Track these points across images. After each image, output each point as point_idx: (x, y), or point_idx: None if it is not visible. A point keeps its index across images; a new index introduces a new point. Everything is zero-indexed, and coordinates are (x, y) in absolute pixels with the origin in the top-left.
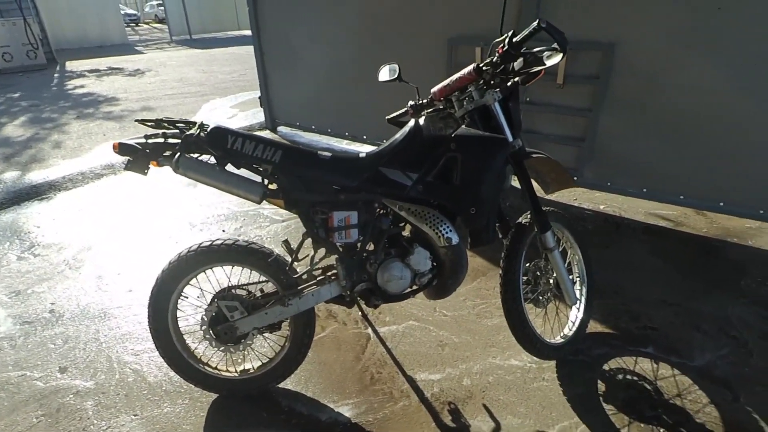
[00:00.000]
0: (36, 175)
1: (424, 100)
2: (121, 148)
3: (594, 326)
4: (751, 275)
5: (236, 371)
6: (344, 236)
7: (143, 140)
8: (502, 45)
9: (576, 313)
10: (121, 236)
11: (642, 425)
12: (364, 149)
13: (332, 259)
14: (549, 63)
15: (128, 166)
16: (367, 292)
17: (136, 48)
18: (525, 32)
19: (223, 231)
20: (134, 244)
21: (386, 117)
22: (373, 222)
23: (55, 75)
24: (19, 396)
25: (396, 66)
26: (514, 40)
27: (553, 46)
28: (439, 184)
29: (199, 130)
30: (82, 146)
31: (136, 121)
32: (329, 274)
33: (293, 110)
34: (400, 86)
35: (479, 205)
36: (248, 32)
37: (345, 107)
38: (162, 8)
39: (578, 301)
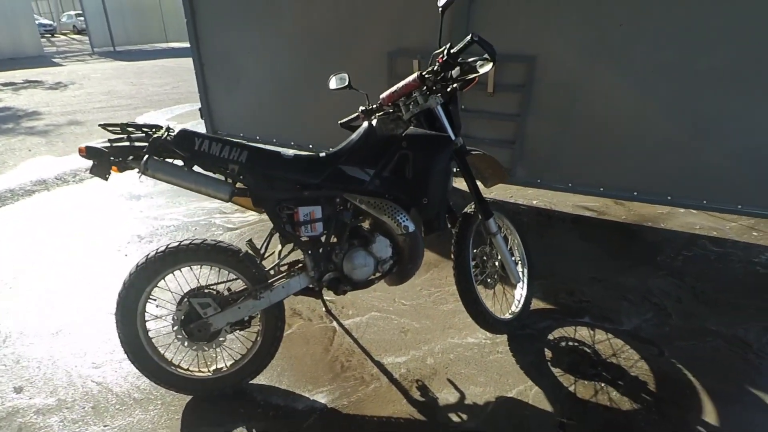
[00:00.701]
0: None
1: (374, 105)
2: (88, 152)
3: (536, 303)
4: (665, 252)
5: (209, 371)
6: (310, 230)
7: (108, 144)
8: (441, 56)
9: (520, 291)
10: (64, 253)
11: (586, 382)
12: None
13: (296, 255)
14: (482, 71)
15: (92, 170)
16: (335, 281)
17: (54, 60)
18: (460, 45)
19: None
20: (80, 260)
21: (339, 122)
22: (336, 215)
23: None
24: None
25: (345, 75)
26: (452, 51)
27: (484, 56)
28: (393, 178)
29: (165, 133)
30: (6, 162)
31: (99, 125)
32: (296, 267)
33: (236, 121)
34: (342, 96)
35: (430, 195)
36: (177, 44)
37: (288, 117)
38: (81, 18)
39: (521, 281)
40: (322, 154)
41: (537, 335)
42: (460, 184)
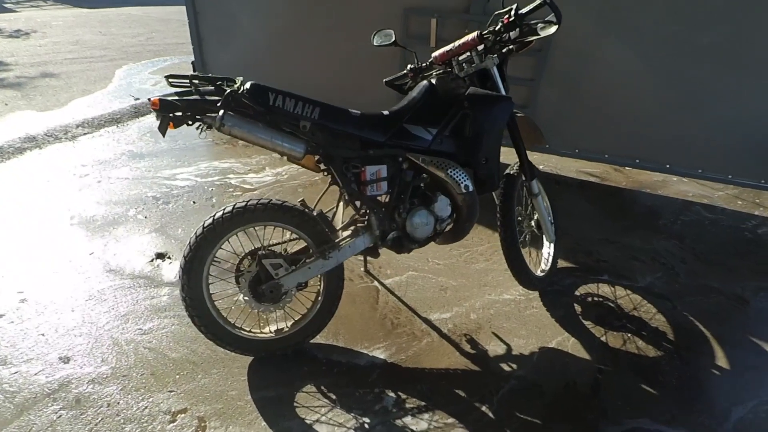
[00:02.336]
0: None
1: (424, 64)
2: (162, 105)
3: (560, 262)
4: (664, 217)
5: (271, 331)
6: (376, 189)
7: (184, 98)
8: (507, 16)
9: (548, 250)
10: (78, 218)
11: (615, 333)
12: None
13: (348, 215)
14: (543, 33)
15: (163, 125)
16: (398, 240)
17: (5, 5)
18: (531, 6)
19: (194, 202)
20: (97, 225)
21: (384, 80)
22: (399, 174)
23: None
24: (22, 395)
25: (391, 31)
26: (520, 12)
27: (548, 18)
28: (454, 137)
29: (239, 87)
30: None
31: (165, 77)
32: (360, 226)
33: (233, 75)
34: (348, 49)
35: (490, 155)
36: None
37: (289, 71)
38: None
39: (550, 241)
40: (386, 112)
41: (564, 291)
42: None
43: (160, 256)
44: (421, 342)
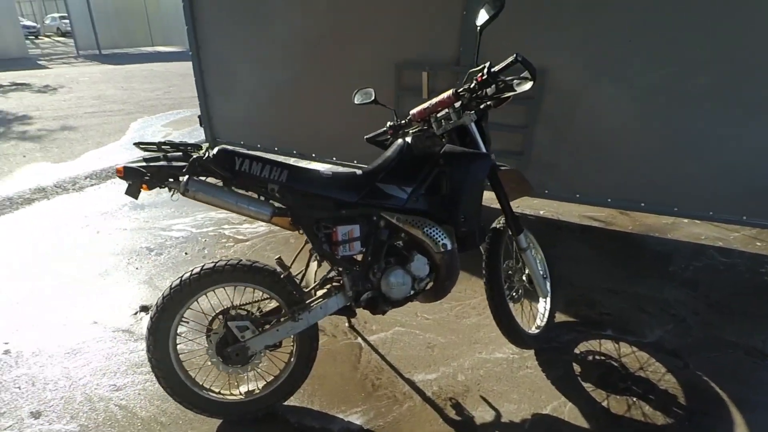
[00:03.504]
0: None
1: (402, 121)
2: (126, 172)
3: (558, 316)
4: (675, 263)
5: (241, 393)
6: (348, 249)
7: (146, 164)
8: (480, 74)
9: (544, 305)
10: (71, 266)
11: (618, 397)
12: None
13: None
14: (519, 89)
15: (128, 191)
16: (373, 301)
17: (39, 62)
18: (503, 64)
19: (186, 254)
20: (88, 276)
21: (365, 137)
22: (374, 234)
23: None
24: None
25: (371, 90)
26: (493, 70)
27: (522, 75)
28: (430, 196)
29: (205, 152)
30: (0, 169)
31: (134, 144)
32: (333, 286)
33: (236, 129)
34: (345, 106)
35: (468, 212)
36: (163, 48)
37: (289, 125)
38: (66, 21)
39: (545, 296)
40: (359, 172)
41: (563, 348)
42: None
43: (144, 308)
44: (402, 406)
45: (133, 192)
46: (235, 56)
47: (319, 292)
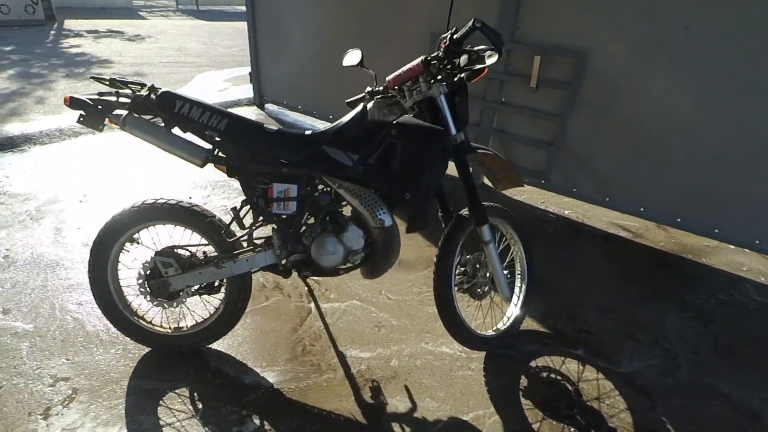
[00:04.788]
0: (13, 128)
1: (380, 87)
2: (72, 102)
3: (531, 324)
4: (697, 291)
5: (170, 328)
6: (282, 207)
7: (96, 97)
8: (445, 41)
9: (512, 310)
10: (88, 193)
11: (554, 423)
12: None
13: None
14: (488, 62)
15: (81, 121)
16: (300, 264)
17: (140, 13)
18: (462, 30)
19: (190, 198)
20: (100, 202)
21: (346, 100)
22: (313, 197)
23: (52, 32)
24: None
25: (359, 51)
26: (454, 37)
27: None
28: (378, 167)
29: (149, 92)
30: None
31: (90, 78)
32: (263, 242)
33: (281, 89)
34: (383, 71)
35: (414, 191)
36: None
37: (329, 91)
38: None
39: (516, 298)
40: (308, 132)
41: (519, 358)
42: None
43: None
44: (321, 376)
45: (89, 123)
46: (288, 18)
47: (249, 246)
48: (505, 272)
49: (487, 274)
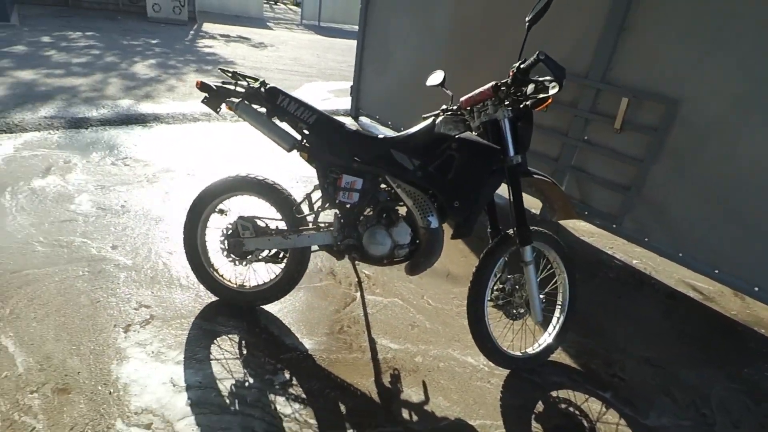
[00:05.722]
0: (146, 107)
1: (454, 107)
2: (202, 86)
3: (563, 357)
4: (759, 367)
5: (235, 284)
6: (347, 197)
7: (220, 84)
8: (513, 70)
9: (546, 338)
10: (196, 168)
11: None
12: None
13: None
14: (551, 92)
15: (205, 101)
16: (352, 248)
17: (267, 24)
18: (528, 61)
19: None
20: (203, 177)
21: (422, 115)
22: (374, 192)
23: (191, 32)
24: (77, 254)
25: (442, 73)
26: (521, 66)
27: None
28: (435, 174)
29: (260, 86)
30: (191, 94)
31: (219, 69)
32: (326, 224)
33: (376, 104)
34: None
35: (463, 200)
36: None
37: (418, 111)
38: None
39: (552, 327)
40: (381, 135)
41: (541, 385)
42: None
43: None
44: (350, 354)
45: (210, 104)
46: (394, 38)
47: (314, 226)
48: (542, 297)
49: (524, 296)
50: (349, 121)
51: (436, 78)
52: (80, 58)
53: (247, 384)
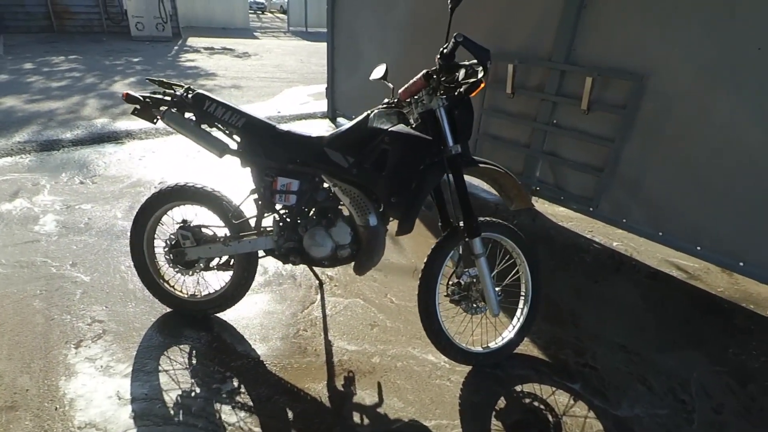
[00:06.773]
0: (120, 125)
1: (394, 100)
2: (128, 98)
3: (530, 348)
4: (745, 345)
5: (186, 294)
6: (284, 199)
7: (148, 94)
8: (438, 55)
9: (508, 332)
10: (164, 180)
11: None
12: None
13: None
14: (480, 75)
15: (135, 113)
16: (293, 251)
17: (254, 33)
18: (448, 46)
19: None
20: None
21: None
22: (311, 192)
23: (175, 48)
24: (36, 274)
25: (384, 66)
26: (443, 52)
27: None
28: (370, 170)
29: (186, 93)
30: None
31: (147, 79)
32: (266, 228)
33: (351, 103)
34: None
35: (399, 196)
36: None
37: None
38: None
39: (516, 320)
40: (313, 135)
41: (504, 380)
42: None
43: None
44: (303, 358)
45: (142, 115)
46: (362, 37)
47: (256, 229)
48: (498, 290)
49: (481, 289)
50: (326, 124)
51: (378, 72)
52: (60, 82)
53: (193, 394)
